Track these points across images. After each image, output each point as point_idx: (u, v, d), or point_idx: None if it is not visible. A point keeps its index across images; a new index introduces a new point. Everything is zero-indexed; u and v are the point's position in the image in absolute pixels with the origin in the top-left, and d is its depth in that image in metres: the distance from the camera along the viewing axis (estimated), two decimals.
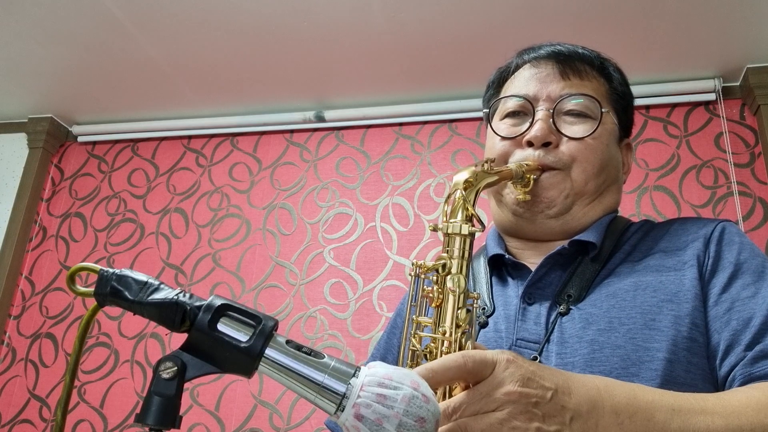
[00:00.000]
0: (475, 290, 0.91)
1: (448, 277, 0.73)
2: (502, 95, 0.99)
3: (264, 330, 0.54)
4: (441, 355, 0.68)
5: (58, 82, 2.47)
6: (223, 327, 0.55)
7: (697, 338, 0.77)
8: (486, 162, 0.82)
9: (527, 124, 0.91)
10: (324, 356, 0.55)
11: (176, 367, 0.53)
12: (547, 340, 0.80)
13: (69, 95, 2.55)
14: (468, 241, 0.74)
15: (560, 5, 1.95)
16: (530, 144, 0.90)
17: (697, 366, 0.76)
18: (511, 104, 0.95)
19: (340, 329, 2.21)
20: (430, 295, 0.74)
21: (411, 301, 0.77)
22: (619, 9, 1.95)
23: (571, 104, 0.91)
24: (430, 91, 2.38)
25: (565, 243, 0.87)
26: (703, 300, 0.80)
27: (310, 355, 0.55)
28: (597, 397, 0.62)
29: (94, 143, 2.73)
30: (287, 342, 0.55)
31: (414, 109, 2.42)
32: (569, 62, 0.94)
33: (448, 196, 0.78)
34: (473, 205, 0.78)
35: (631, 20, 1.99)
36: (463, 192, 0.77)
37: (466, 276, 0.73)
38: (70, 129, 2.74)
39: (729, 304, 0.78)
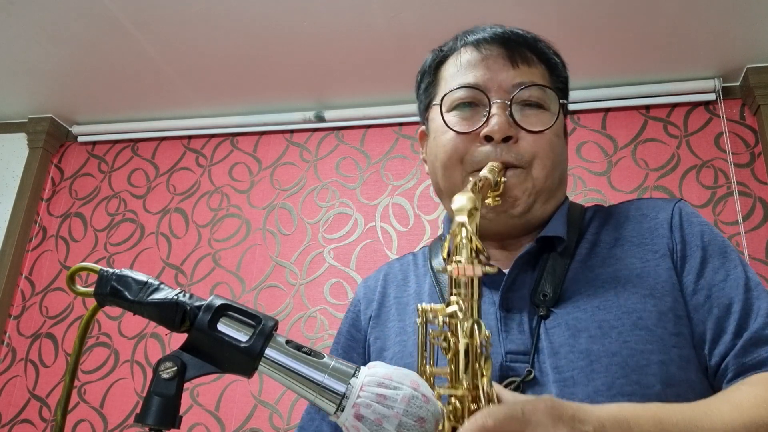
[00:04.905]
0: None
1: (467, 323, 0.65)
2: (446, 85, 0.91)
3: (264, 330, 0.54)
4: (469, 415, 0.62)
5: (58, 82, 2.46)
6: (223, 327, 0.55)
7: (682, 331, 0.77)
8: (476, 183, 0.76)
9: (480, 117, 0.85)
10: (324, 356, 0.55)
11: (176, 367, 0.54)
12: (537, 350, 0.77)
13: (69, 95, 2.55)
14: (479, 281, 0.68)
15: (561, 5, 1.94)
16: (488, 139, 0.84)
17: (688, 360, 0.76)
18: (460, 94, 0.88)
19: None
20: (444, 344, 0.67)
21: (422, 350, 0.70)
22: (620, 9, 1.94)
23: (526, 95, 0.86)
24: None
25: (532, 242, 0.85)
26: (681, 289, 0.80)
27: (310, 355, 0.55)
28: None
29: (94, 143, 2.73)
30: (287, 342, 0.55)
31: (414, 109, 2.38)
32: (517, 48, 0.89)
33: (452, 231, 0.70)
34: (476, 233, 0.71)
35: (631, 20, 1.98)
36: (468, 227, 0.69)
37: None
38: (70, 129, 2.73)
39: (707, 291, 0.78)
